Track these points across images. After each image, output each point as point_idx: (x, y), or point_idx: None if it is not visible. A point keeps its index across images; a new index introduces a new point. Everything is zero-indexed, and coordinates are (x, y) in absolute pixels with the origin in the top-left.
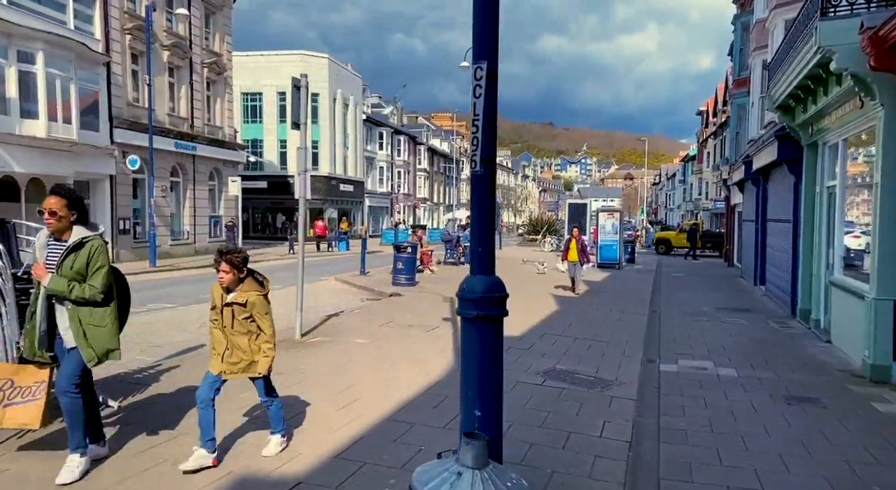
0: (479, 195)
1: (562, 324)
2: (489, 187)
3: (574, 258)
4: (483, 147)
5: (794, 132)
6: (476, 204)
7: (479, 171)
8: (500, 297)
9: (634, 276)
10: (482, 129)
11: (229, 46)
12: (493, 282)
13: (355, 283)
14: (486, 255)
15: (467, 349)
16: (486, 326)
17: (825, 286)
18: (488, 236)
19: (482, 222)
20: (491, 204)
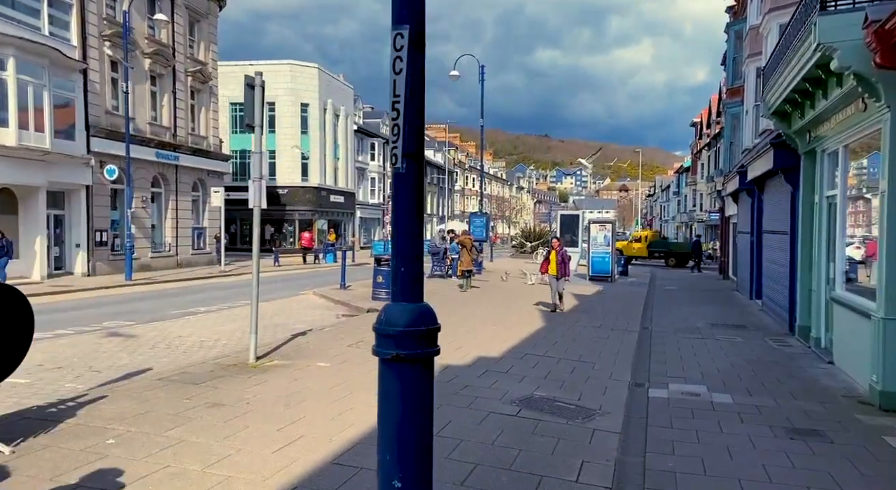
0: (401, 199)
1: (546, 342)
2: (414, 190)
3: (555, 271)
4: (406, 138)
5: (790, 140)
6: (397, 209)
7: (401, 168)
8: (428, 331)
9: (627, 289)
10: (404, 115)
11: (215, 55)
12: (420, 311)
13: (333, 298)
14: (410, 277)
15: (385, 400)
16: (409, 370)
17: (826, 302)
18: (413, 252)
19: (405, 234)
20: (416, 210)
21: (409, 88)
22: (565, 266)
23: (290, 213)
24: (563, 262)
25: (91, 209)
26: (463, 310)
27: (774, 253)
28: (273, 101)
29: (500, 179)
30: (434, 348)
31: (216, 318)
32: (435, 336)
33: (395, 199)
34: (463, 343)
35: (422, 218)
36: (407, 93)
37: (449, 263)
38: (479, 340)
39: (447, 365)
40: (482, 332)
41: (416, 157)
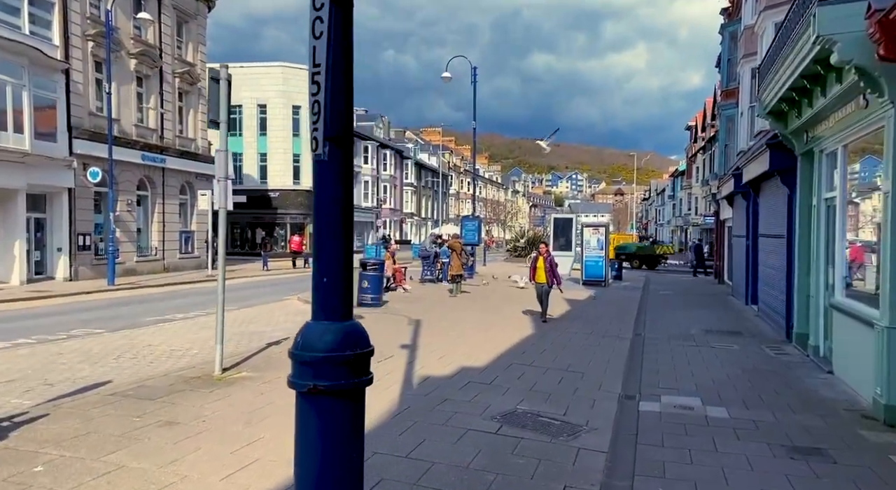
0: (324, 193)
1: (534, 351)
2: (339, 181)
3: (542, 279)
4: (328, 118)
5: (786, 140)
6: (319, 205)
7: (322, 154)
8: (355, 356)
9: (620, 294)
10: (326, 89)
11: (203, 56)
12: (347, 332)
13: None
14: (335, 289)
15: (302, 441)
16: (331, 405)
17: (824, 309)
18: (340, 258)
19: (329, 234)
20: (342, 206)
21: (332, 56)
22: (553, 273)
23: (281, 216)
24: (551, 268)
25: (73, 212)
26: (450, 315)
27: (770, 257)
28: (265, 104)
29: (495, 183)
30: (364, 377)
31: (192, 325)
32: (366, 362)
33: (317, 193)
34: (447, 351)
35: (350, 215)
36: (329, 61)
37: (440, 268)
38: (465, 348)
39: (427, 376)
40: (468, 339)
41: (342, 142)
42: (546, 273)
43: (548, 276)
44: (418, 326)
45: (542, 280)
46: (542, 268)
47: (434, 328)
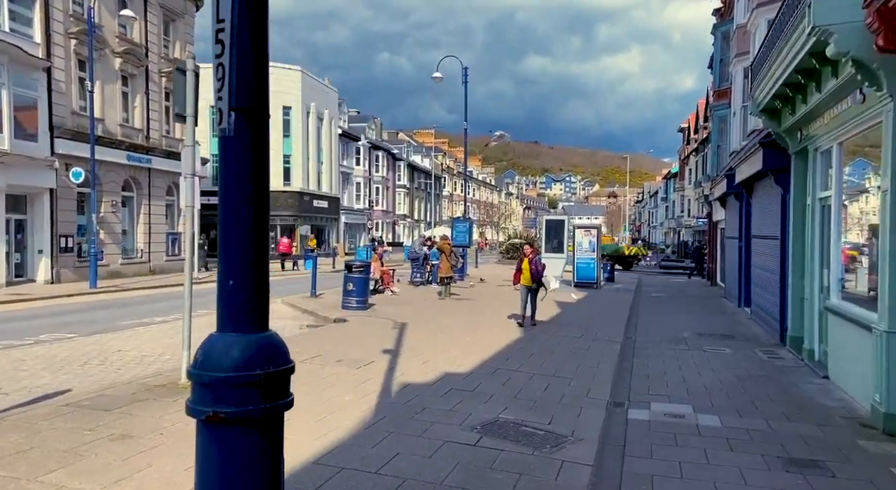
0: (231, 176)
1: (522, 355)
2: (249, 163)
3: (528, 282)
4: (235, 83)
5: (780, 139)
6: (225, 192)
7: (228, 129)
8: (268, 376)
9: (612, 296)
10: (232, 49)
11: (191, 55)
12: (261, 345)
13: (301, 307)
14: (244, 294)
15: (203, 479)
16: (236, 436)
17: (819, 312)
18: (249, 256)
19: (237, 226)
20: (254, 193)
21: (239, 8)
22: (539, 277)
23: (271, 218)
24: (536, 272)
25: (55, 213)
26: (438, 319)
27: (764, 259)
28: None
29: (488, 185)
30: (280, 401)
31: (169, 329)
32: (282, 382)
33: (223, 176)
34: (431, 356)
35: (264, 204)
36: (236, 15)
37: (429, 270)
38: (450, 353)
39: (408, 383)
40: (454, 343)
41: (254, 115)
42: (532, 276)
43: (534, 279)
44: (403, 330)
45: (528, 282)
46: (527, 270)
47: (420, 331)
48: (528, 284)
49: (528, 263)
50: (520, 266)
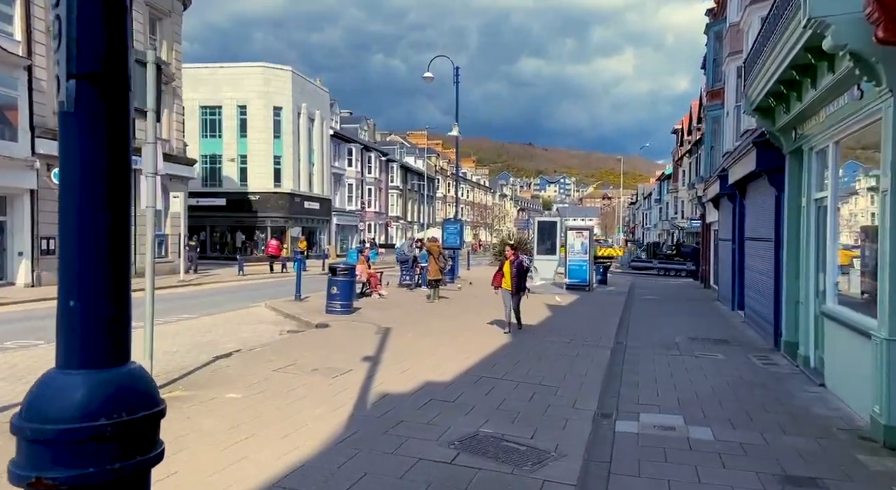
0: (73, 166)
1: (508, 361)
2: (101, 150)
3: (508, 285)
4: (77, 37)
5: (774, 138)
6: (65, 188)
7: (68, 104)
8: (123, 424)
9: (604, 299)
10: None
11: (178, 54)
12: (115, 384)
13: (284, 311)
14: (92, 317)
15: None
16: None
17: (815, 317)
18: (99, 269)
19: (79, 233)
20: (103, 192)
21: None
22: (521, 280)
23: (261, 219)
24: (518, 274)
25: (36, 215)
26: (424, 323)
27: (757, 261)
28: (245, 104)
29: (482, 187)
30: (144, 457)
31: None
32: (147, 432)
33: (61, 167)
34: (413, 364)
35: (125, 205)
36: None
37: (418, 272)
38: (433, 360)
39: (385, 393)
40: (439, 349)
41: (107, 85)
42: (512, 279)
43: (514, 282)
44: (387, 335)
45: (510, 286)
46: (509, 273)
47: (404, 337)
48: (510, 289)
49: (509, 266)
50: (501, 268)
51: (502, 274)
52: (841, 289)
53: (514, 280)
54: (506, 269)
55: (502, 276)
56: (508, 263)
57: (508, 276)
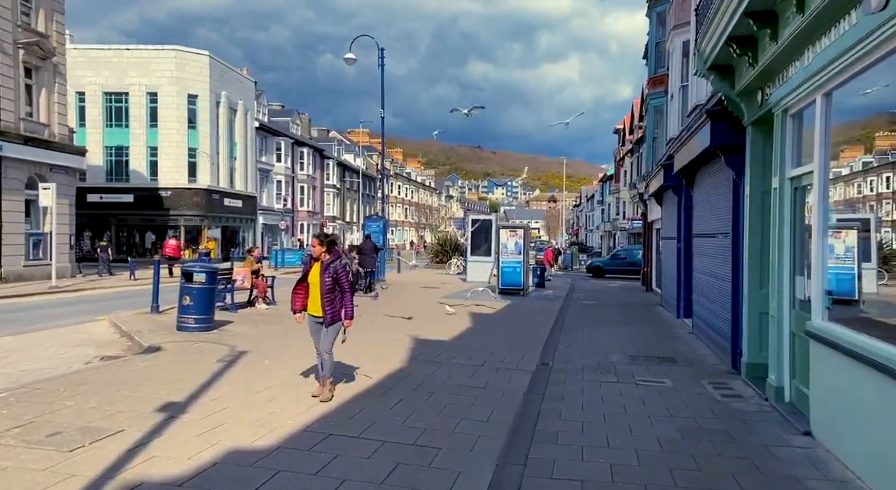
0: None
1: (380, 405)
2: None
3: (316, 310)
4: None
5: (733, 106)
6: None
7: None
8: None
9: (538, 304)
10: None
11: (61, 27)
12: None
13: (125, 328)
14: None
15: None
16: None
17: (791, 335)
18: None
19: None
20: None
21: None
22: (341, 298)
23: (174, 218)
24: (332, 288)
25: None
26: (298, 345)
27: (709, 262)
28: (155, 92)
29: (428, 187)
30: None
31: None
32: None
33: None
34: (234, 414)
35: None
36: None
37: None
38: (266, 409)
39: (142, 481)
40: (288, 387)
41: None
42: (324, 297)
43: (326, 304)
44: (233, 365)
45: (317, 312)
46: (318, 285)
47: (251, 368)
48: (319, 315)
49: (318, 273)
50: (305, 276)
51: (305, 287)
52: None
53: (328, 298)
54: (312, 278)
55: (306, 290)
56: (318, 267)
57: (317, 290)
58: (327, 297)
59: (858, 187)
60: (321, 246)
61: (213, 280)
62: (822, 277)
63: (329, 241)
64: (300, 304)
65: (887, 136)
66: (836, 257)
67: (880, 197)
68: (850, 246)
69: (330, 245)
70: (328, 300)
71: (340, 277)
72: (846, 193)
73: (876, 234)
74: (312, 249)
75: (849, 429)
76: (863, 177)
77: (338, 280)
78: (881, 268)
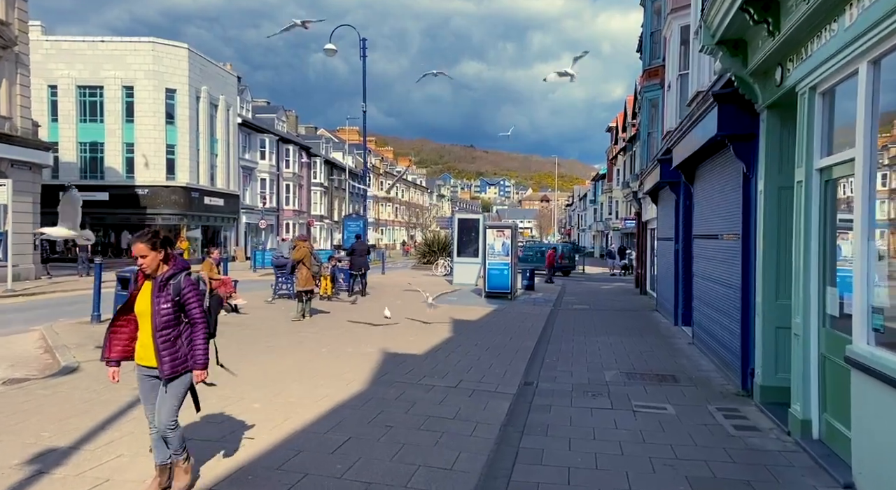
0: None
1: (334, 438)
2: None
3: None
4: None
5: (745, 87)
6: None
7: None
8: None
9: (526, 310)
10: None
11: (23, 14)
12: None
13: (51, 342)
14: None
15: None
16: None
17: (819, 358)
18: None
19: None
20: None
21: None
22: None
23: (151, 217)
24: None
25: None
26: (246, 362)
27: (712, 266)
28: (131, 85)
29: (419, 187)
30: None
31: None
32: None
33: None
34: (121, 470)
35: None
36: None
37: (327, 277)
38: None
39: None
40: (238, 409)
41: None
42: (156, 341)
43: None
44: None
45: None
46: (148, 316)
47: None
48: (150, 364)
49: (149, 296)
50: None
51: (131, 321)
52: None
53: (164, 337)
54: (141, 307)
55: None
56: (149, 289)
57: (148, 325)
58: (163, 336)
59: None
60: (153, 251)
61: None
62: (866, 290)
63: (163, 242)
64: (118, 350)
65: None
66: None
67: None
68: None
69: (165, 249)
70: (165, 341)
71: (188, 302)
72: (892, 183)
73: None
74: (141, 261)
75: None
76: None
77: (184, 307)
78: None
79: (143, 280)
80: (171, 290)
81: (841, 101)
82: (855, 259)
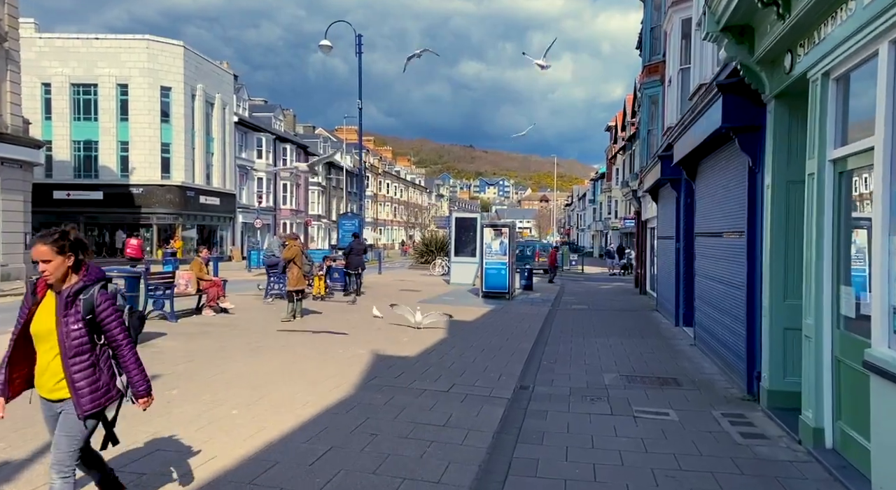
0: None
1: (314, 448)
2: None
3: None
4: None
5: (751, 76)
6: None
7: None
8: None
9: (523, 310)
10: None
11: (13, 10)
12: None
13: None
14: None
15: None
16: None
17: (833, 362)
18: None
19: None
20: None
21: None
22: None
23: (146, 216)
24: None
25: None
26: (223, 368)
27: (715, 265)
28: (126, 83)
29: (418, 186)
30: None
31: None
32: None
33: None
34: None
35: None
36: None
37: (322, 277)
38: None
39: None
40: (225, 412)
41: None
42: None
43: (76, 380)
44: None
45: (51, 391)
46: (51, 339)
47: (160, 400)
48: (53, 397)
49: (51, 313)
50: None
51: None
52: None
53: (76, 364)
54: (38, 328)
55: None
56: (51, 303)
57: (51, 349)
58: (77, 363)
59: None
60: (59, 255)
61: (133, 286)
62: (887, 289)
63: (74, 244)
64: (18, 384)
65: None
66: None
67: None
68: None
69: (76, 254)
70: (81, 370)
71: (106, 322)
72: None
73: None
74: (43, 267)
75: None
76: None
77: (101, 328)
78: None
79: (43, 292)
80: (82, 306)
81: (857, 88)
82: (875, 255)
